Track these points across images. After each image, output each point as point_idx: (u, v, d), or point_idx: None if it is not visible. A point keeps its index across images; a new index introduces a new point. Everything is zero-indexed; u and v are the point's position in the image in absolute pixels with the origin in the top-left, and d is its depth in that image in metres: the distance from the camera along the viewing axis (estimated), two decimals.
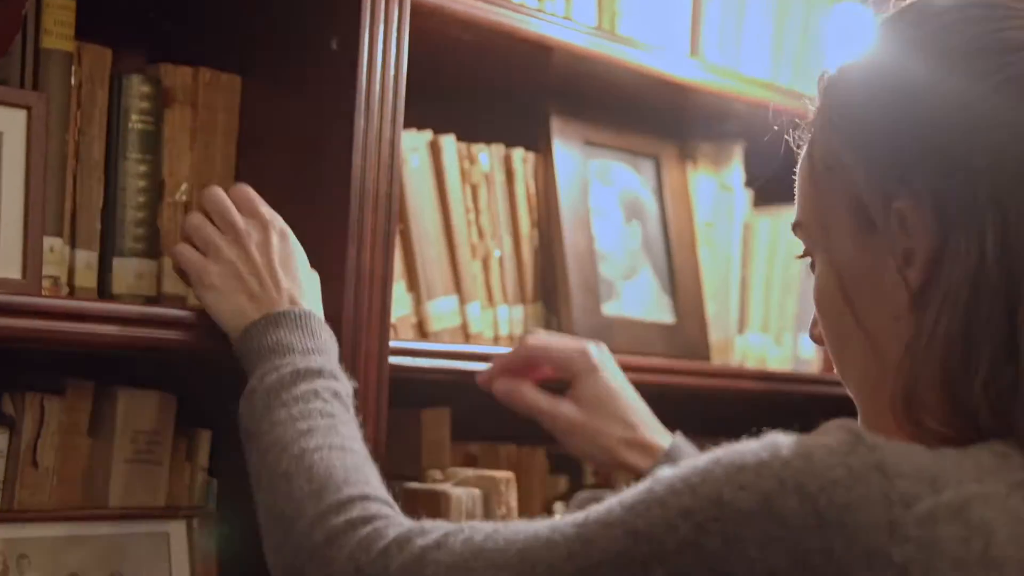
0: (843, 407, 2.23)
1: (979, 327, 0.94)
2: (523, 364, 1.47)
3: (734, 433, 2.16)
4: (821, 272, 1.07)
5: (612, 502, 0.97)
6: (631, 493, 0.96)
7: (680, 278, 1.94)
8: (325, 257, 1.33)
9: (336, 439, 1.15)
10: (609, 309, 1.83)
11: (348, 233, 1.34)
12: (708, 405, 1.99)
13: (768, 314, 2.15)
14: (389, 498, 1.12)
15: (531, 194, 1.80)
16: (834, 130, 1.04)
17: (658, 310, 1.91)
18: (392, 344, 1.40)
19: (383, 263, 1.37)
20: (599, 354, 1.47)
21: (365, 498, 1.09)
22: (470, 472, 1.58)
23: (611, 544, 0.93)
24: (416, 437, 1.63)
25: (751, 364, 2.10)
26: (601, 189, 1.87)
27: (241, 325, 1.24)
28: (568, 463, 1.93)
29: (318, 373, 1.20)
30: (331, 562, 1.04)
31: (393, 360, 1.40)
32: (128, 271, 1.33)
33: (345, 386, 1.23)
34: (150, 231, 1.34)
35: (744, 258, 2.10)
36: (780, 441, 0.91)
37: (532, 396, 1.45)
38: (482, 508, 1.52)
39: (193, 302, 1.32)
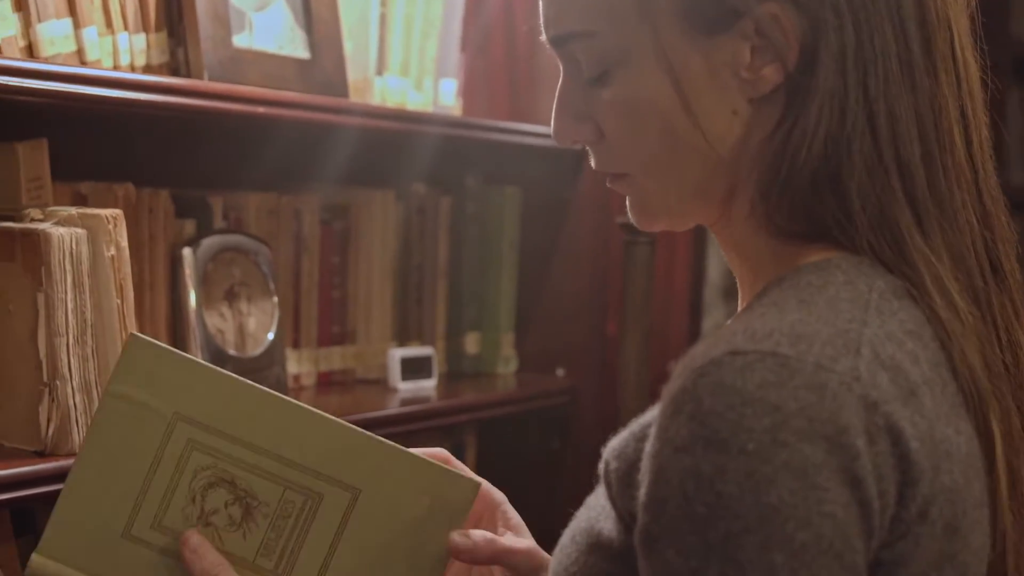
0: (478, 149, 2.22)
1: (852, 128, 0.97)
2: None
3: (374, 179, 2.12)
4: (639, 80, 1.03)
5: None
6: (682, 548, 0.87)
7: (316, 12, 1.84)
8: None
9: None
10: (240, 41, 1.72)
11: None
12: (344, 145, 1.93)
13: (408, 57, 2.07)
14: None
15: None
16: None
17: (292, 44, 1.81)
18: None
19: None
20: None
21: None
22: (73, 210, 1.43)
23: None
24: (13, 173, 1.49)
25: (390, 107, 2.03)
26: None
27: None
28: (195, 206, 1.82)
29: None
30: None
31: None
32: None
33: None
34: None
35: None
36: (744, 423, 0.88)
37: (508, 543, 1.27)
38: (88, 248, 1.41)
39: None
